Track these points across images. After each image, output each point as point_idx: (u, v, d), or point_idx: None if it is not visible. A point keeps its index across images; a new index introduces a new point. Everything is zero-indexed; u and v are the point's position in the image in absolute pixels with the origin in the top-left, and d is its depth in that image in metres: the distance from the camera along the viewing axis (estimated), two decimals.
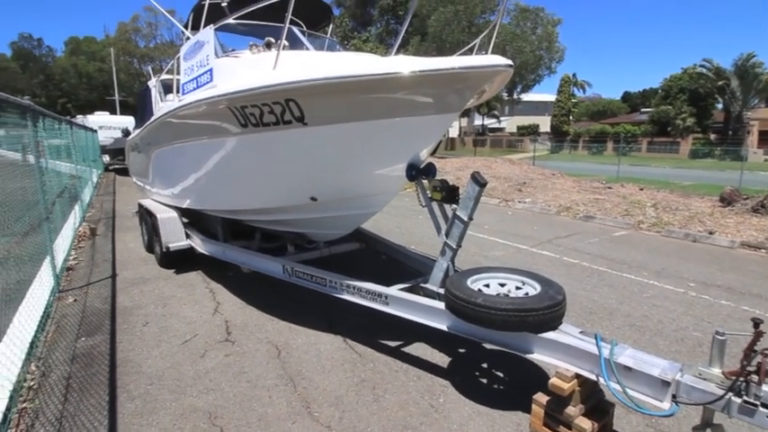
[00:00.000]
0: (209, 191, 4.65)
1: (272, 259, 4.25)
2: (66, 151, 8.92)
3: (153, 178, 6.08)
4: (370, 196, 3.76)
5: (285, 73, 2.97)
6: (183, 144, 4.43)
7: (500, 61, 2.58)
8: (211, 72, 3.38)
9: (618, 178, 16.69)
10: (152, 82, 7.94)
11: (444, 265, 3.24)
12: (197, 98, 3.45)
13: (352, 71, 2.71)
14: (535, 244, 7.17)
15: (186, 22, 5.22)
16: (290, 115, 3.17)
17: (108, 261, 6.09)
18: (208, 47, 3.39)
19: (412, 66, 2.58)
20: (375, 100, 2.84)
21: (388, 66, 2.69)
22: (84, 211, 8.86)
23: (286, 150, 3.47)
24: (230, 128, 3.57)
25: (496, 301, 2.53)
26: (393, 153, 3.28)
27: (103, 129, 21.05)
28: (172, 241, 5.40)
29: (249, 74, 3.40)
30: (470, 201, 3.01)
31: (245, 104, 3.24)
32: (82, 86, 53.37)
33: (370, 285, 3.41)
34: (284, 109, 3.14)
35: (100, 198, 12.02)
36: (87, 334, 3.86)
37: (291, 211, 4.14)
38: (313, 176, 3.67)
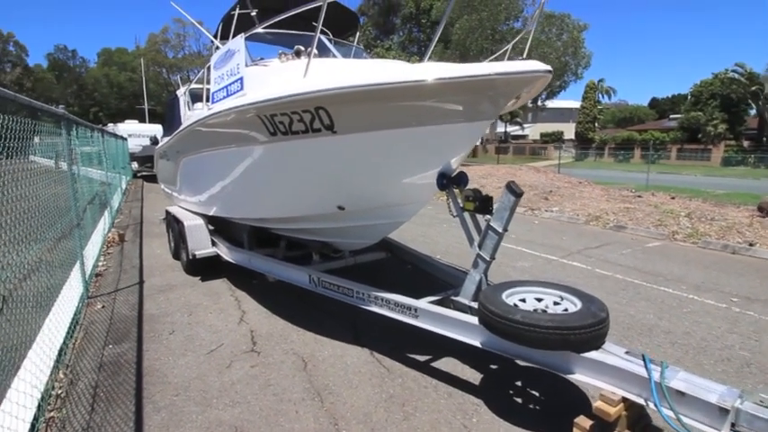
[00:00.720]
0: (236, 199, 4.65)
1: (299, 269, 4.20)
2: (98, 158, 9.18)
3: (180, 186, 6.16)
4: (398, 205, 3.67)
5: (315, 81, 2.93)
6: (211, 152, 4.45)
7: (539, 66, 2.46)
8: (242, 80, 3.37)
9: (647, 187, 16.14)
10: (180, 91, 8.10)
11: (477, 277, 3.11)
12: (227, 106, 3.45)
13: (382, 79, 2.64)
14: (565, 254, 6.92)
15: (216, 32, 5.29)
16: (320, 123, 3.12)
17: (135, 267, 6.18)
18: (238, 56, 3.39)
19: (443, 72, 2.50)
20: (405, 108, 2.77)
21: (419, 73, 2.61)
22: (113, 217, 9.07)
23: (314, 158, 3.42)
24: (259, 136, 3.55)
25: (536, 318, 2.39)
26: (423, 162, 3.19)
27: (133, 137, 21.67)
28: (198, 249, 5.43)
29: (279, 82, 3.38)
30: (505, 211, 2.88)
31: (274, 113, 3.21)
32: (113, 96, 55.45)
33: (398, 297, 3.30)
34: (314, 117, 3.10)
35: (128, 204, 12.33)
36: (115, 341, 3.88)
37: (318, 220, 4.09)
38: (341, 185, 3.61)
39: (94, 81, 56.35)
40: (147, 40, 58.34)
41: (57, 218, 4.06)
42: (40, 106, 3.61)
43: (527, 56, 3.47)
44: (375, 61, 3.89)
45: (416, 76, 2.55)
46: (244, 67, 3.37)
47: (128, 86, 54.51)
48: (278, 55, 4.09)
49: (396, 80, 2.62)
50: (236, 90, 3.45)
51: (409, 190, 3.47)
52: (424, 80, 2.51)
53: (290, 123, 3.26)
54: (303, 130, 3.24)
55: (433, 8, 29.84)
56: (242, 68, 3.37)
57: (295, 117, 3.17)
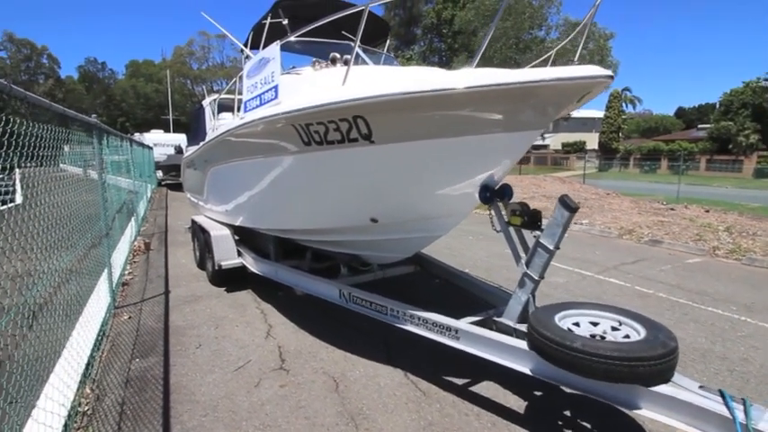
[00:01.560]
0: (265, 210, 4.56)
1: (328, 283, 4.05)
2: (126, 167, 9.31)
3: (207, 195, 6.12)
4: (435, 218, 3.50)
5: (354, 89, 2.80)
6: (240, 162, 4.38)
7: (597, 72, 2.27)
8: (276, 89, 3.28)
9: (678, 199, 15.57)
10: (206, 101, 8.13)
11: (523, 298, 2.90)
12: (260, 116, 3.35)
13: (420, 87, 2.51)
14: (600, 270, 6.60)
15: (246, 42, 5.27)
16: (357, 133, 2.99)
17: (161, 277, 6.15)
18: (273, 63, 3.31)
19: (474, 80, 2.37)
20: (443, 117, 2.64)
21: (449, 81, 2.48)
22: (139, 226, 9.16)
23: (349, 169, 3.29)
24: (292, 146, 3.44)
25: (599, 347, 2.17)
26: (464, 173, 3.02)
27: (158, 146, 22.14)
28: (224, 259, 5.35)
29: (314, 91, 3.27)
30: (558, 228, 2.68)
31: (310, 122, 3.10)
32: (139, 106, 57.23)
33: (437, 317, 3.11)
34: (351, 126, 2.97)
35: (153, 212, 12.49)
36: (141, 355, 3.79)
37: (349, 233, 3.95)
38: (376, 197, 3.46)
39: (122, 92, 58.33)
40: (173, 52, 60.34)
41: (87, 227, 4.02)
42: (74, 115, 3.60)
43: (578, 60, 3.28)
44: (413, 69, 3.76)
45: (445, 85, 2.43)
46: (279, 76, 3.28)
47: (153, 97, 56.19)
48: (311, 63, 4.00)
49: (426, 89, 2.48)
50: (270, 99, 3.36)
51: (448, 202, 3.30)
52: (453, 89, 2.38)
53: (325, 133, 3.14)
54: (339, 140, 3.12)
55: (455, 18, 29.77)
56: (276, 76, 3.28)
57: (331, 126, 3.06)
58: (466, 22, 26.36)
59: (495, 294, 3.80)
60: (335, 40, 4.74)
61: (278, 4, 4.68)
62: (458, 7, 30.95)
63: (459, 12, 29.72)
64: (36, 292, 2.70)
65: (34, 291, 2.69)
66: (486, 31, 3.04)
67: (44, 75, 56.11)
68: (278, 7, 4.67)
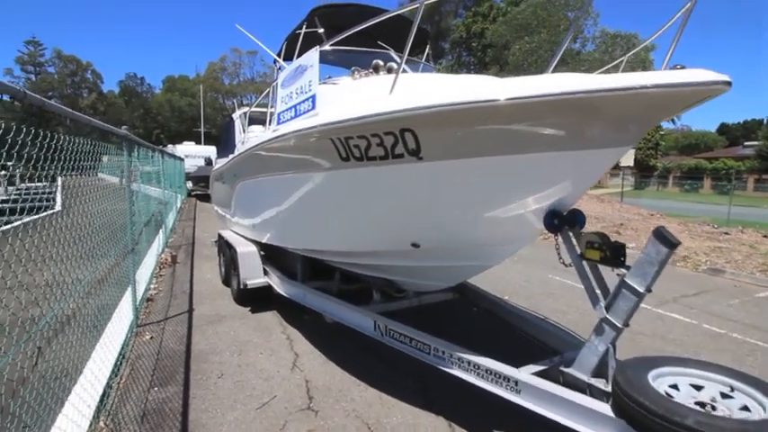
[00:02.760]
0: (295, 228, 4.25)
1: (362, 312, 3.68)
2: (157, 178, 9.31)
3: (235, 210, 5.90)
4: (488, 246, 3.09)
5: (403, 98, 2.46)
6: (271, 177, 4.10)
7: (712, 77, 1.84)
8: (314, 99, 2.99)
9: (729, 221, 14.47)
10: (236, 114, 8.09)
11: (601, 348, 2.43)
12: (295, 128, 3.06)
13: (480, 96, 2.14)
14: (658, 303, 5.95)
15: (279, 52, 5.07)
16: (403, 148, 2.64)
17: (185, 293, 5.93)
18: (311, 72, 3.02)
19: (518, 90, 2.04)
20: (496, 132, 2.28)
21: (488, 92, 2.13)
22: (167, 237, 9.08)
23: (391, 188, 2.94)
24: (328, 162, 3.13)
25: (720, 427, 1.69)
26: (529, 196, 2.61)
27: (189, 157, 22.57)
28: (250, 278, 5.08)
29: (355, 101, 2.96)
30: (651, 266, 2.22)
31: (350, 135, 2.77)
32: (174, 119, 59.35)
33: (492, 363, 2.68)
34: (397, 141, 2.63)
35: (182, 223, 12.52)
36: (161, 383, 3.49)
37: (387, 257, 3.58)
38: (419, 219, 3.09)
39: (158, 106, 60.71)
40: (207, 68, 62.57)
41: (112, 244, 3.81)
42: (100, 125, 3.41)
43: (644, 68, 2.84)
44: (466, 77, 3.41)
45: (485, 96, 2.11)
46: (317, 84, 2.99)
47: (187, 110, 58.17)
48: (351, 72, 3.71)
49: (466, 99, 2.18)
50: (306, 110, 3.06)
51: (505, 229, 2.88)
52: (495, 100, 2.07)
53: (366, 148, 2.81)
54: (381, 156, 2.78)
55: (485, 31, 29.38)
56: (314, 85, 2.99)
57: (374, 140, 2.72)
58: (498, 35, 25.96)
59: (557, 336, 3.33)
60: (373, 49, 4.46)
61: (314, 13, 4.46)
62: (488, 21, 30.68)
63: (489, 25, 29.40)
64: (59, 307, 2.53)
65: (57, 307, 2.50)
66: (564, 36, 2.64)
67: (88, 89, 59.11)
68: (313, 16, 4.44)
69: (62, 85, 56.84)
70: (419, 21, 2.80)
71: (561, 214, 2.62)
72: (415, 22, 2.48)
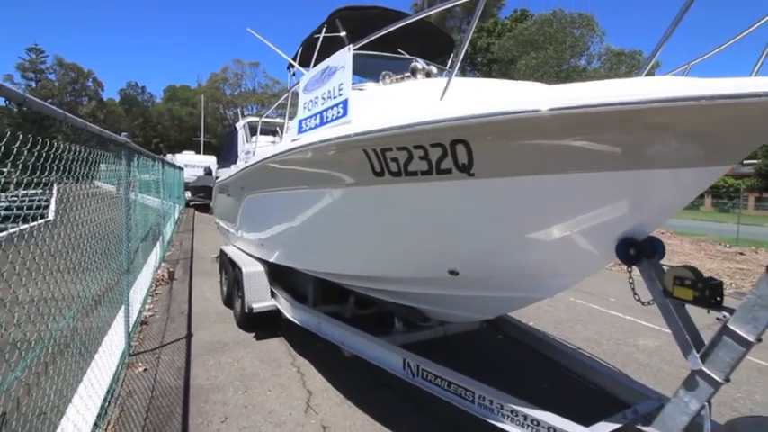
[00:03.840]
0: (312, 249, 3.82)
1: (388, 347, 3.23)
2: (156, 188, 8.87)
3: (241, 225, 5.47)
4: (540, 277, 2.67)
5: (458, 105, 2.08)
6: (285, 192, 3.69)
7: None
8: (345, 104, 2.60)
9: (738, 240, 14.16)
10: (240, 124, 7.77)
11: (693, 405, 2.00)
12: (323, 137, 2.65)
13: (529, 105, 1.81)
14: None
15: (294, 57, 4.71)
16: (452, 162, 2.25)
17: (184, 314, 5.45)
18: (342, 74, 2.64)
19: (561, 100, 1.77)
20: (556, 148, 1.95)
21: (529, 101, 1.85)
22: (164, 251, 8.61)
23: (433, 208, 2.54)
24: (356, 176, 2.73)
25: None
26: (597, 220, 2.22)
27: (188, 167, 22.19)
28: (256, 300, 4.62)
29: (392, 107, 2.58)
30: (765, 310, 1.81)
31: (389, 146, 2.38)
32: (173, 128, 59.08)
33: (556, 420, 2.24)
34: (445, 154, 2.24)
35: (180, 235, 12.04)
36: (155, 429, 3.02)
37: (419, 284, 3.16)
38: (462, 243, 2.68)
39: (158, 115, 60.48)
40: (209, 78, 62.61)
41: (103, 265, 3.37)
42: (97, 130, 3.01)
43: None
44: (519, 84, 3.03)
45: (526, 106, 1.83)
46: (349, 88, 2.60)
47: (188, 120, 57.96)
48: (381, 76, 3.33)
49: (510, 110, 1.87)
50: (335, 116, 2.67)
51: (564, 258, 2.48)
52: (536, 110, 1.80)
53: (406, 161, 2.41)
54: (424, 171, 2.39)
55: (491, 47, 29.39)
56: (346, 89, 2.60)
57: (417, 153, 2.33)
58: (505, 50, 25.93)
59: (616, 382, 2.90)
60: (400, 55, 4.12)
61: (335, 15, 4.11)
62: (493, 36, 30.76)
63: (495, 40, 29.44)
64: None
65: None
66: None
67: (88, 97, 58.83)
68: (334, 18, 4.09)
69: (62, 93, 56.57)
70: (443, 27, 2.42)
71: (638, 243, 2.23)
72: (476, 16, 2.09)
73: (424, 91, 2.49)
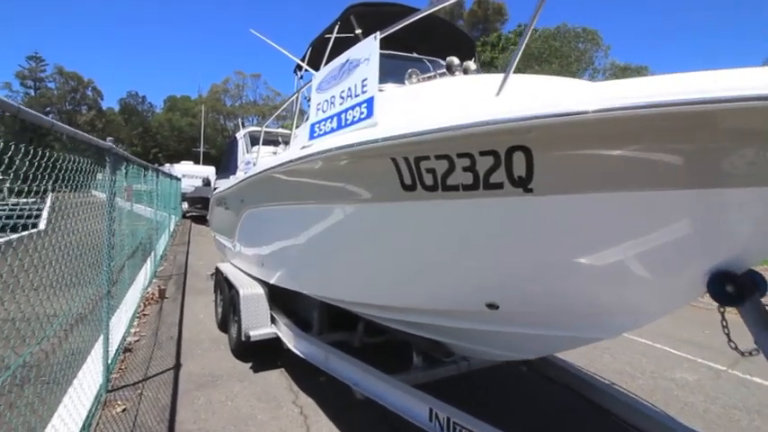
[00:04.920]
0: (322, 273, 3.32)
1: (412, 393, 2.73)
2: (149, 199, 8.40)
3: (239, 241, 4.98)
4: (604, 314, 2.20)
5: (521, 103, 1.64)
6: (292, 207, 3.22)
7: None
8: (370, 104, 2.15)
9: None
10: (240, 134, 7.47)
11: None
12: (340, 143, 2.20)
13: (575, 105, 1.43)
14: (732, 362, 5.04)
15: (302, 58, 4.30)
16: (504, 174, 1.81)
17: (173, 339, 4.92)
18: (367, 68, 2.20)
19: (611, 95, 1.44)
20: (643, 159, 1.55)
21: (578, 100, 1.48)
22: (155, 266, 8.09)
23: (475, 230, 2.08)
24: (380, 190, 2.27)
25: None
26: (687, 248, 1.77)
27: (186, 177, 21.83)
28: (254, 327, 4.13)
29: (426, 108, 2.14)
30: None
31: (426, 154, 1.93)
32: (173, 138, 58.83)
33: None
34: (497, 164, 1.79)
35: (174, 249, 11.51)
36: None
37: (449, 317, 2.67)
38: (506, 273, 2.21)
39: (158, 125, 60.26)
40: (210, 89, 62.67)
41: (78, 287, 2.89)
42: (72, 132, 2.55)
43: None
44: (571, 80, 2.60)
45: (576, 106, 1.47)
46: (376, 84, 2.16)
47: (187, 130, 57.78)
48: (407, 75, 2.90)
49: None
50: (357, 118, 2.22)
51: (637, 292, 2.02)
52: (584, 111, 1.46)
53: (446, 173, 1.96)
54: (468, 185, 1.93)
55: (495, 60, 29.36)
56: (372, 85, 2.16)
57: (461, 163, 1.88)
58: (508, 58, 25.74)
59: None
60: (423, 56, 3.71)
61: (350, 11, 3.70)
62: (497, 50, 30.75)
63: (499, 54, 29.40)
64: None
65: None
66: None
67: (87, 106, 58.65)
68: (349, 14, 3.68)
69: (61, 101, 56.39)
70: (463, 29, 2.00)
71: (737, 277, 1.77)
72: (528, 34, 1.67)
73: (467, 88, 2.07)
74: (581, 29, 23.86)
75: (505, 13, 34.52)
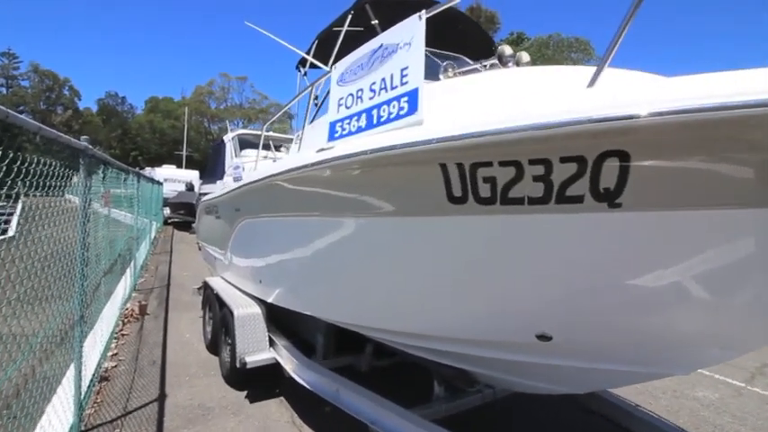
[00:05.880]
0: (337, 295, 2.89)
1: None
2: (128, 205, 7.82)
3: (233, 254, 4.50)
4: (680, 347, 1.87)
5: (628, 96, 1.30)
6: (302, 219, 2.80)
7: None
8: (414, 96, 1.76)
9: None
10: (228, 137, 7.13)
11: None
12: (377, 144, 1.80)
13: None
14: (748, 377, 4.86)
15: (308, 51, 3.91)
16: (587, 186, 1.47)
17: (156, 364, 4.41)
18: (407, 54, 1.81)
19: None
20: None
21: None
22: (135, 278, 7.50)
23: (540, 250, 1.73)
24: (421, 202, 1.89)
25: None
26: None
27: (168, 181, 21.04)
28: (250, 352, 3.67)
29: (484, 102, 1.78)
30: None
31: (488, 159, 1.56)
32: (154, 141, 57.12)
33: None
34: (581, 172, 1.45)
35: (155, 258, 10.86)
36: None
37: (490, 348, 2.30)
38: (570, 301, 1.86)
39: (138, 126, 58.46)
40: (194, 91, 61.27)
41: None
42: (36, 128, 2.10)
43: None
44: None
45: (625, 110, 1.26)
46: (420, 72, 1.77)
47: (170, 133, 56.22)
48: (442, 69, 2.52)
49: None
50: (396, 114, 1.82)
51: (735, 321, 1.70)
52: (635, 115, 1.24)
53: (509, 183, 1.60)
54: (535, 198, 1.58)
55: None
56: (415, 74, 1.77)
57: (532, 170, 1.52)
58: None
59: None
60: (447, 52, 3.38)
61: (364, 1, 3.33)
62: None
63: None
64: None
65: None
66: None
67: (63, 106, 56.58)
68: (364, 3, 3.31)
69: (35, 101, 54.22)
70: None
71: None
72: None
73: (535, 82, 1.71)
74: (573, 39, 24.12)
75: (498, 22, 34.63)
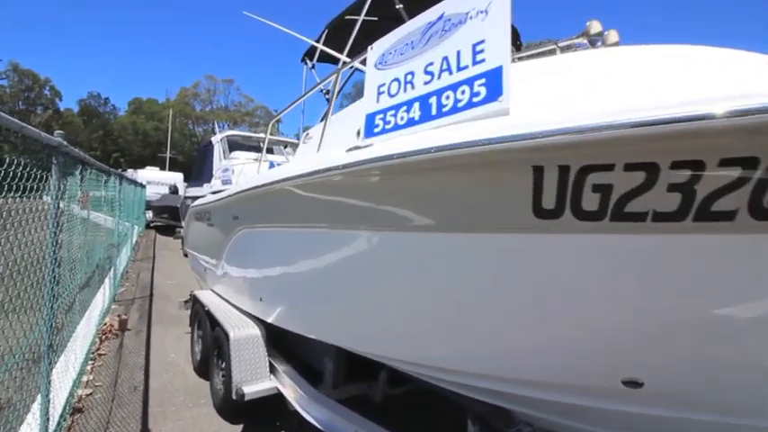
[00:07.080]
0: (357, 320, 2.43)
1: None
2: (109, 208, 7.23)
3: (228, 266, 4.00)
4: None
5: None
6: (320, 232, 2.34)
7: None
8: (497, 77, 1.35)
9: None
10: (216, 138, 6.82)
11: None
12: (453, 140, 1.36)
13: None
14: None
15: (317, 40, 3.49)
16: (746, 198, 1.11)
17: (137, 390, 3.88)
18: (482, 25, 1.40)
19: None
20: None
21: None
22: (115, 289, 6.89)
23: (662, 277, 1.36)
24: (499, 216, 1.49)
25: None
26: None
27: (152, 184, 20.32)
28: (249, 381, 3.19)
29: (588, 87, 1.39)
30: None
31: (610, 161, 1.17)
32: (137, 143, 55.64)
33: None
34: (743, 181, 1.07)
35: (137, 265, 10.20)
36: None
37: (558, 391, 1.89)
38: (679, 341, 1.49)
39: (121, 128, 56.92)
40: (179, 93, 60.08)
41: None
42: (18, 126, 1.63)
43: None
44: None
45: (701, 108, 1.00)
46: (507, 48, 1.35)
47: (153, 134, 54.90)
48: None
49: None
50: (467, 101, 1.38)
51: None
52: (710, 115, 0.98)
53: (630, 192, 1.22)
54: (665, 214, 1.22)
55: None
56: (498, 50, 1.35)
57: (670, 177, 1.14)
58: None
59: None
60: None
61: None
62: None
63: None
64: None
65: None
66: None
67: (43, 106, 54.74)
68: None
69: (14, 100, 52.31)
70: None
71: None
72: None
73: (645, 63, 1.33)
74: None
75: None
